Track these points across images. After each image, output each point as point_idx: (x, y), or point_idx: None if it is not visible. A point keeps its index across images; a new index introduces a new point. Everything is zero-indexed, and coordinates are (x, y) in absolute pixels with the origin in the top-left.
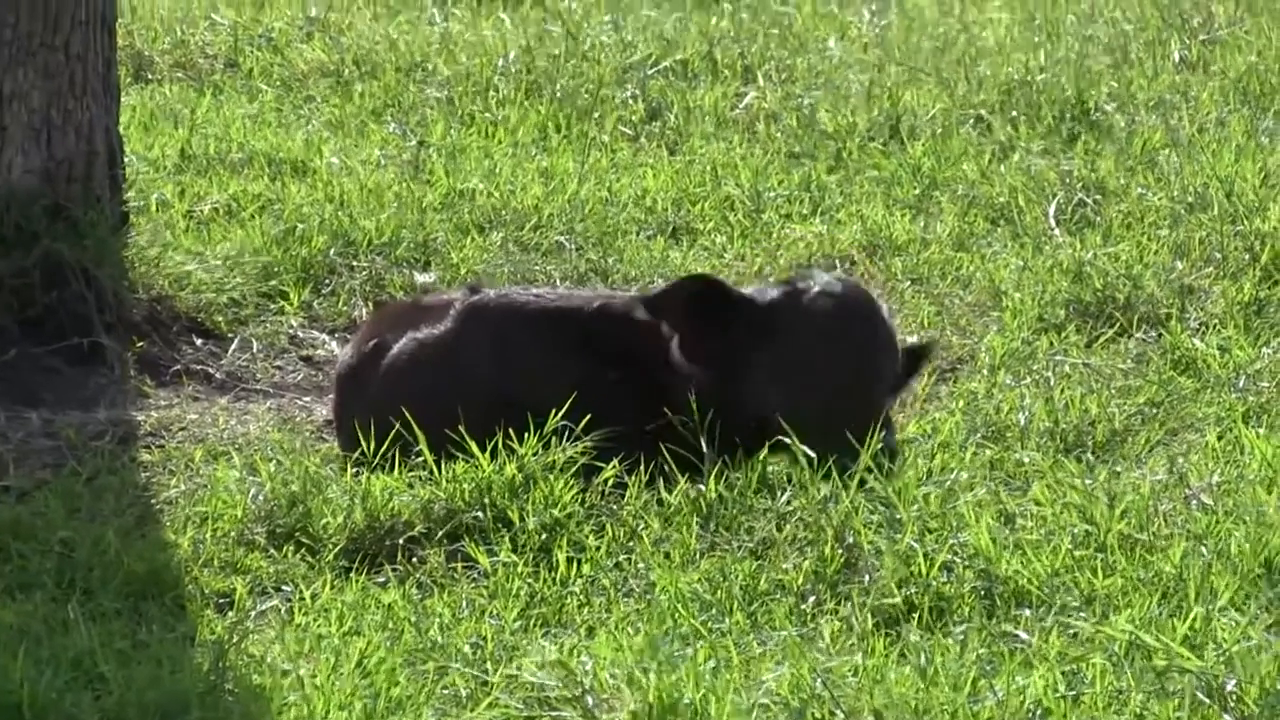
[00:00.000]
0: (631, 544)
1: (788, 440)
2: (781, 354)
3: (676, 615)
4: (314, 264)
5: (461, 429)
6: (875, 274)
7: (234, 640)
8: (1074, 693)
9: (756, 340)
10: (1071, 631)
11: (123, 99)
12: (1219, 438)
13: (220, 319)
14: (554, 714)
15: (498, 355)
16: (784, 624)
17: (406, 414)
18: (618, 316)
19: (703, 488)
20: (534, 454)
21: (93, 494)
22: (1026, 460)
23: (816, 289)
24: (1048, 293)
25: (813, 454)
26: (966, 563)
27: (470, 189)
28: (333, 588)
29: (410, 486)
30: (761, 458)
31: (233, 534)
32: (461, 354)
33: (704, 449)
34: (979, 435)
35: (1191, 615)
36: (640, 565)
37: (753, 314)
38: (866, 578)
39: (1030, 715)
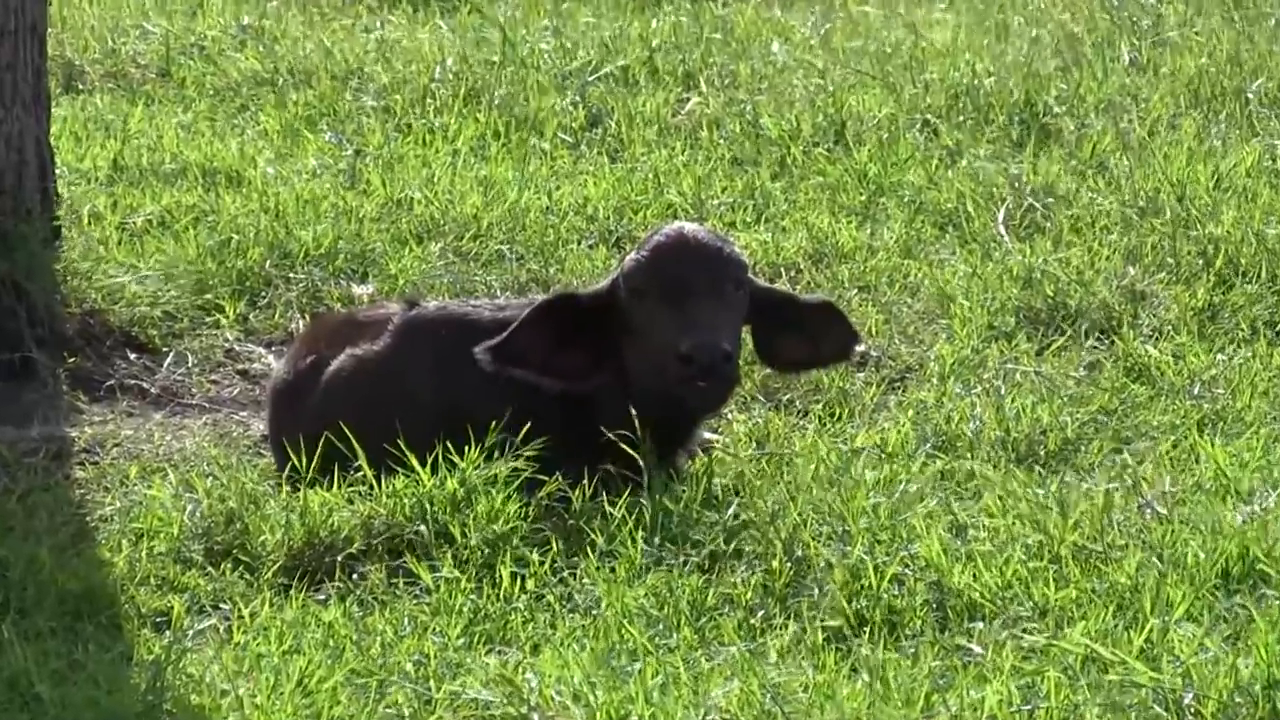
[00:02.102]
0: (576, 558)
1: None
2: (647, 288)
3: (623, 630)
4: (249, 276)
5: (402, 444)
6: (821, 282)
7: (172, 660)
8: (1029, 707)
9: (624, 308)
10: (1025, 644)
11: (53, 109)
12: (1173, 446)
13: (154, 333)
14: None
15: (438, 370)
16: (733, 639)
17: (345, 429)
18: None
19: (647, 501)
20: (475, 468)
21: (26, 511)
22: (977, 471)
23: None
24: (997, 300)
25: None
26: (918, 575)
27: (408, 199)
28: (272, 606)
29: (350, 502)
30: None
31: (169, 551)
32: (401, 369)
33: (642, 462)
34: (929, 445)
35: (1147, 627)
36: (585, 580)
37: (608, 295)
38: (816, 591)
39: None
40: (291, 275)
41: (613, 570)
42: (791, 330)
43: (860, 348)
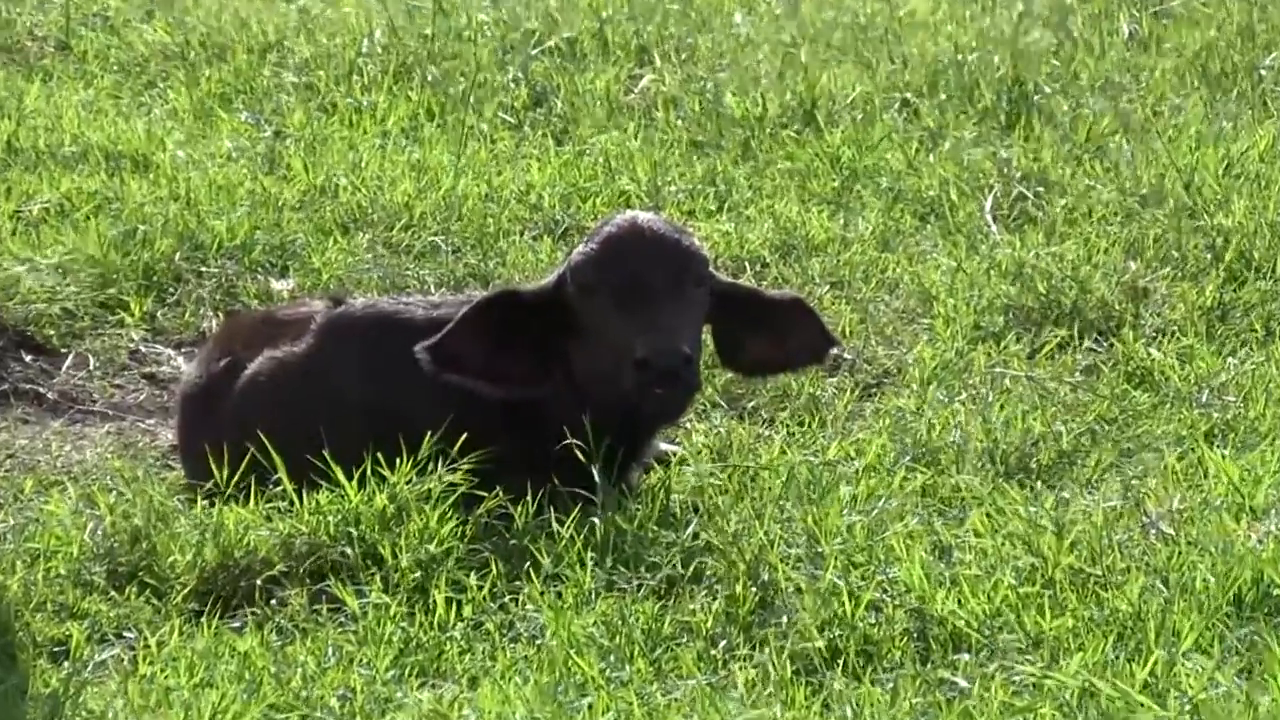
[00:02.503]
0: (519, 582)
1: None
2: (600, 282)
3: (571, 662)
4: (157, 270)
5: (326, 455)
6: (790, 278)
7: (71, 693)
8: None
9: (572, 307)
10: (1016, 678)
11: None
12: (1179, 459)
13: (52, 332)
14: None
15: (366, 374)
16: (692, 671)
17: (264, 439)
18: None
19: (598, 519)
20: (407, 482)
21: None
22: (963, 486)
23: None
24: (984, 297)
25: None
26: (897, 601)
27: (333, 185)
28: (182, 634)
29: (268, 520)
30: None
31: (68, 574)
32: (325, 373)
33: (595, 475)
34: (909, 458)
35: (1151, 659)
36: (529, 606)
37: (554, 292)
38: (784, 619)
39: None
40: (203, 269)
41: (559, 596)
42: (758, 330)
43: (834, 350)
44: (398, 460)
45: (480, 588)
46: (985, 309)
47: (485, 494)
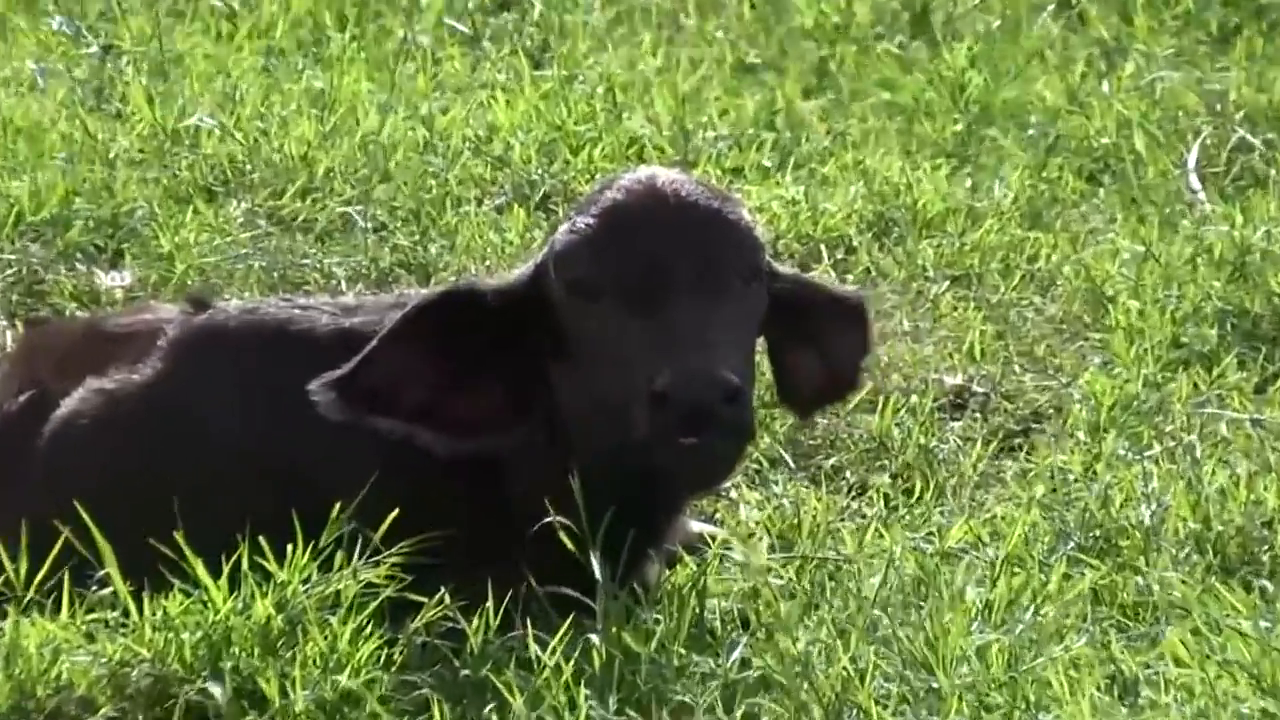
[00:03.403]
0: None
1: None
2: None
3: None
4: None
5: (180, 539)
6: (888, 269)
7: None
8: None
9: (557, 315)
10: None
11: None
12: None
13: None
14: None
15: (243, 415)
16: None
17: (85, 513)
18: None
19: (596, 637)
20: (304, 581)
21: None
22: (1155, 588)
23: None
24: (1188, 300)
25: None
26: None
27: (191, 129)
28: None
29: (90, 639)
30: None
31: None
32: (181, 413)
33: (595, 569)
34: (1072, 545)
35: None
36: None
37: (528, 292)
38: None
39: None
40: None
41: None
42: (807, 343)
43: (868, 359)
44: (290, 547)
45: None
46: (1189, 318)
47: (424, 598)
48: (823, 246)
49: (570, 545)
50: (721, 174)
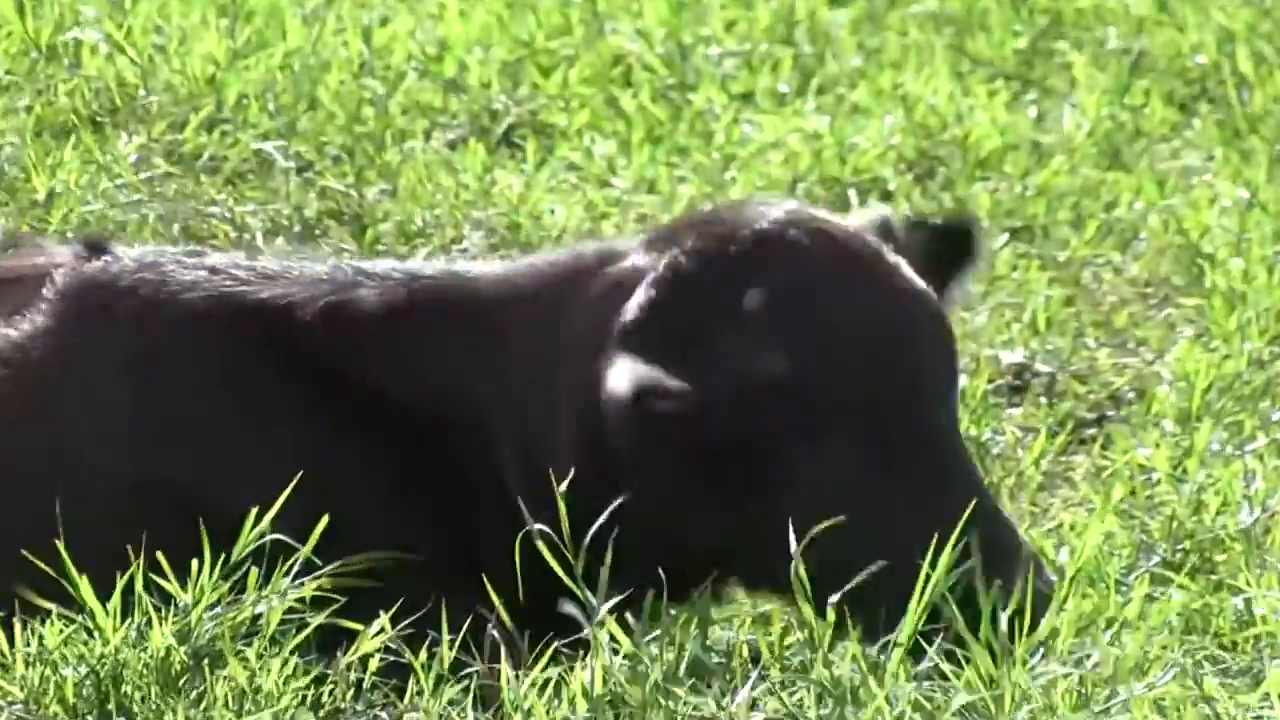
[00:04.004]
0: None
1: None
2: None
3: None
4: None
5: (62, 548)
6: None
7: None
8: None
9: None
10: None
11: None
12: None
13: None
14: None
15: (140, 395)
16: None
17: None
18: (417, 310)
19: (590, 675)
20: (213, 605)
21: None
22: (1260, 612)
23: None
24: None
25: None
26: None
27: (70, 44)
28: None
29: None
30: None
31: None
32: (62, 387)
33: (580, 597)
34: (1156, 559)
35: None
36: None
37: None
38: None
39: None
40: None
41: None
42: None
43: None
44: (196, 564)
45: None
46: None
47: (361, 626)
48: (852, 191)
49: (554, 565)
50: (727, 100)
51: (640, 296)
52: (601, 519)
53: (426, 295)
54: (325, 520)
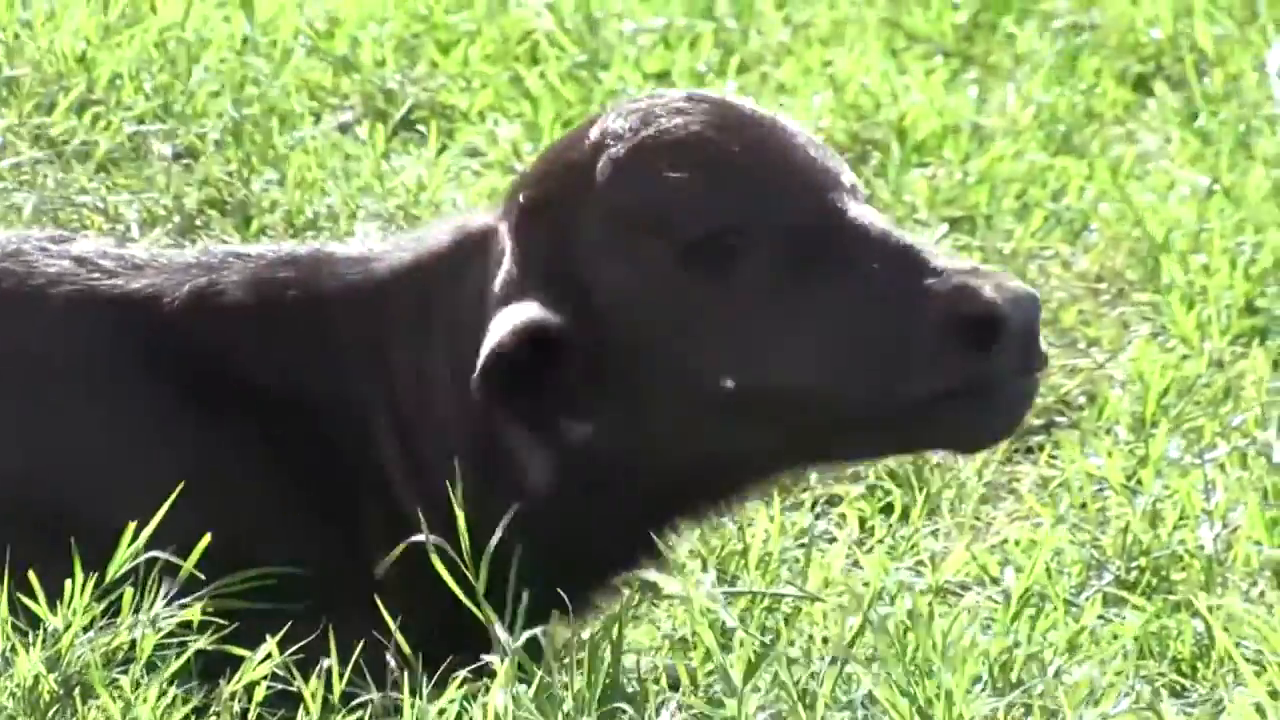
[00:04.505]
0: None
1: None
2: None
3: None
4: None
5: None
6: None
7: None
8: None
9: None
10: None
11: None
12: None
13: None
14: None
15: (2, 398)
16: None
17: None
18: (297, 302)
19: (502, 700)
20: (85, 629)
21: None
22: (1221, 635)
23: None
24: (1268, 250)
25: None
26: None
27: None
28: None
29: None
30: None
31: None
32: None
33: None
34: (1109, 578)
35: None
36: None
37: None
38: None
39: None
40: None
41: None
42: None
43: None
44: (67, 586)
45: None
46: (1268, 274)
47: (246, 652)
48: None
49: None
50: (642, 80)
51: (504, 252)
52: (501, 528)
53: (296, 281)
54: (207, 534)
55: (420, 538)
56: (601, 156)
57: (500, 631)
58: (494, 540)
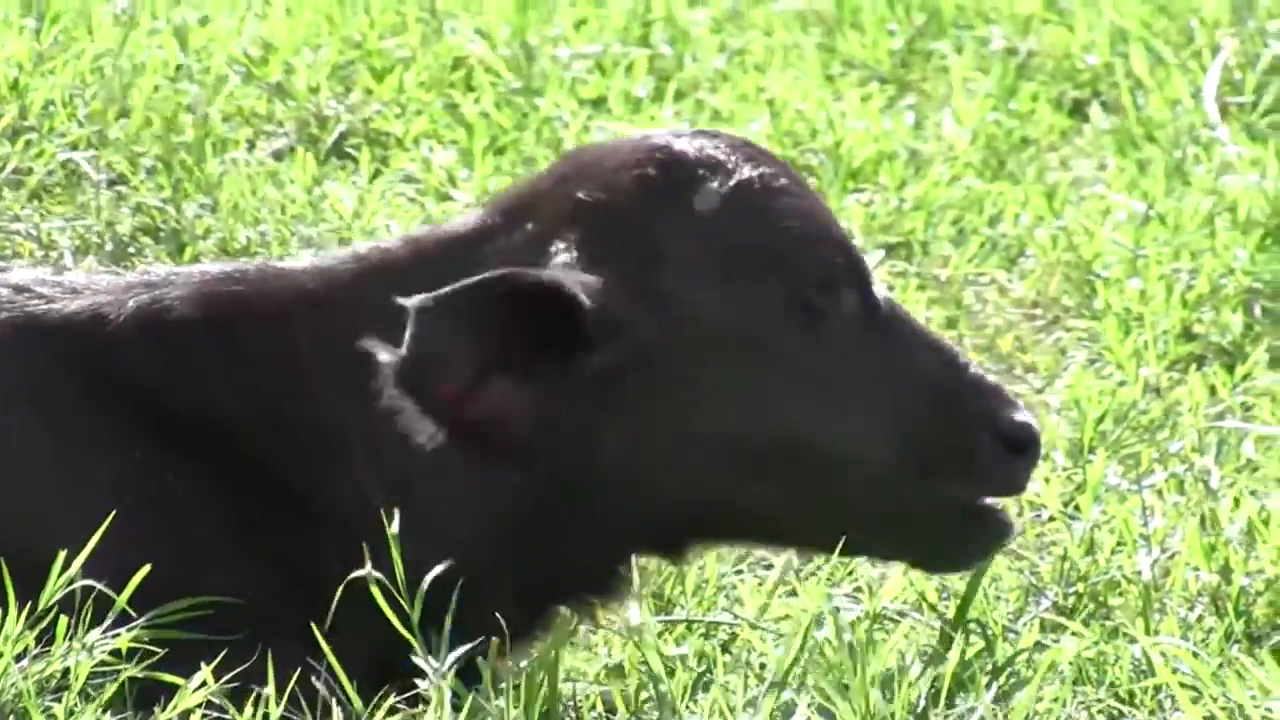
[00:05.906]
0: None
1: None
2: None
3: None
4: None
5: None
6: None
7: None
8: None
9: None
10: None
11: None
12: None
13: None
14: None
15: None
16: None
17: None
18: (245, 323)
19: None
20: (18, 657)
21: None
22: (1158, 661)
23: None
24: (1204, 275)
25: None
26: None
27: None
28: None
29: None
30: None
31: None
32: None
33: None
34: (1047, 604)
35: None
36: None
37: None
38: None
39: None
40: None
41: None
42: None
43: None
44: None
45: None
46: (1204, 299)
47: (181, 680)
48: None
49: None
50: (577, 105)
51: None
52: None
53: (239, 301)
54: (145, 562)
55: (363, 572)
56: (689, 183)
57: (430, 661)
58: (437, 569)
